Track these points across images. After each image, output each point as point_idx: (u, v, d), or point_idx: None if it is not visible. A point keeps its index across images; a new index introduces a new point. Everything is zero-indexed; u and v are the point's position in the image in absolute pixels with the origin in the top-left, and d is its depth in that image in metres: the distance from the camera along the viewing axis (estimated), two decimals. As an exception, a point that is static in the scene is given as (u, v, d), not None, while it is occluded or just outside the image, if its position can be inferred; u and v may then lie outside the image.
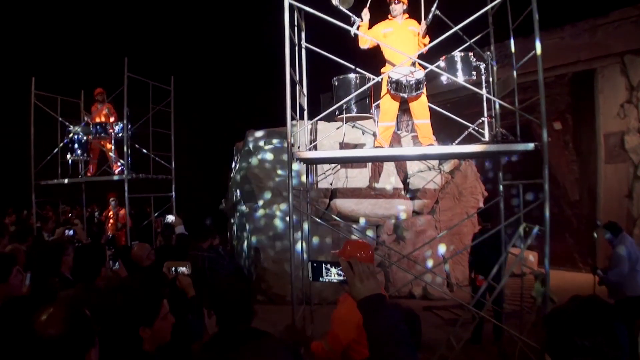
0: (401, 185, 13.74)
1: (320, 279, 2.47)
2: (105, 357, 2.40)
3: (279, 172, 13.25)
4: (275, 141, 13.64)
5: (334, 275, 2.45)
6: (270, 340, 3.05)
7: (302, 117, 8.45)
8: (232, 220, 15.12)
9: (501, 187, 9.15)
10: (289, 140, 7.33)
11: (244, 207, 13.76)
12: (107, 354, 2.49)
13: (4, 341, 3.05)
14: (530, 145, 7.00)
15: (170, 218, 7.45)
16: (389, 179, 13.54)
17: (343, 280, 2.39)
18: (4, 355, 2.95)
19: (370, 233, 12.70)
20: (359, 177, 13.24)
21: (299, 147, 8.09)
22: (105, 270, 4.78)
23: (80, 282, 4.58)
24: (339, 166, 12.79)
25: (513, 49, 8.35)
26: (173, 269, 4.23)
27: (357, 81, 8.10)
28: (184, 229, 7.11)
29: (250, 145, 13.88)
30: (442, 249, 13.52)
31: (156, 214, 14.08)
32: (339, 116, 8.30)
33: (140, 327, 2.91)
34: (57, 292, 4.59)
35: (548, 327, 1.95)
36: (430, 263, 12.70)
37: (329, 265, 2.46)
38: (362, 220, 12.86)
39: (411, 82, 7.57)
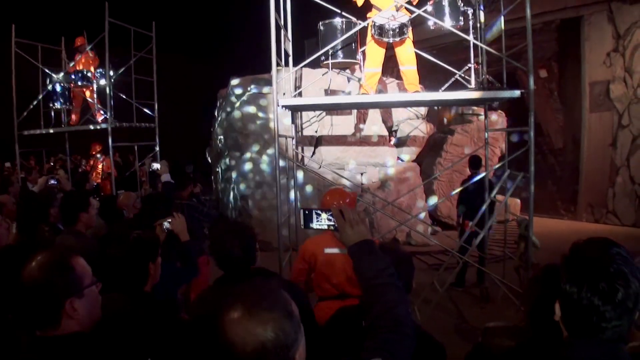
0: (386, 133, 13.74)
1: (311, 224, 2.49)
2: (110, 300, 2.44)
3: (262, 119, 13.17)
4: (258, 88, 13.52)
5: (324, 220, 2.46)
6: (277, 278, 3.11)
7: (287, 64, 8.36)
8: (217, 169, 15.07)
9: (487, 135, 9.18)
10: (274, 86, 7.28)
11: (228, 156, 13.72)
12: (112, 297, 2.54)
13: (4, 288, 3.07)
14: (517, 93, 7.00)
15: (156, 166, 7.37)
16: (374, 127, 13.53)
17: (333, 226, 2.41)
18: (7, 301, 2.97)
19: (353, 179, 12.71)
20: (344, 125, 13.21)
21: (284, 93, 8.04)
22: (89, 217, 4.81)
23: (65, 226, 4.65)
24: (324, 113, 12.74)
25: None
26: (164, 225, 4.24)
27: (344, 26, 7.99)
28: (169, 177, 7.07)
29: (234, 93, 13.75)
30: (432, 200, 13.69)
31: (140, 163, 14.02)
32: (325, 62, 8.23)
33: (149, 263, 3.08)
34: (52, 239, 4.63)
35: (566, 271, 1.95)
36: (421, 214, 12.82)
37: (319, 211, 2.48)
38: (352, 163, 12.87)
39: (394, 27, 7.48)
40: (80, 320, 2.17)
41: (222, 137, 14.04)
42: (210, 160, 16.46)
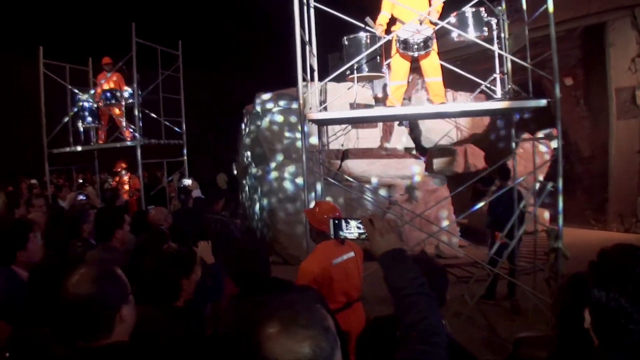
0: (413, 145, 13.72)
1: (341, 233, 2.50)
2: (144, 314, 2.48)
3: (288, 134, 13.23)
4: (283, 103, 13.60)
5: (354, 229, 2.47)
6: (294, 287, 3.15)
7: (312, 78, 8.42)
8: (244, 183, 15.16)
9: (514, 145, 9.15)
10: (300, 101, 7.34)
11: (255, 170, 13.79)
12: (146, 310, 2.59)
13: (38, 303, 3.14)
14: (543, 102, 6.98)
15: (187, 182, 7.52)
16: (401, 139, 13.53)
17: (362, 234, 2.42)
18: (40, 315, 3.03)
19: (382, 193, 12.71)
20: (370, 138, 13.22)
21: (310, 108, 8.09)
22: (124, 233, 4.89)
23: (99, 242, 4.74)
24: (349, 127, 12.77)
25: (525, 4, 8.25)
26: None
27: (368, 40, 8.03)
28: (200, 192, 7.20)
29: (259, 108, 13.84)
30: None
31: (169, 179, 14.16)
32: (350, 76, 8.27)
33: (182, 279, 3.15)
34: (83, 254, 4.72)
35: (594, 276, 1.97)
36: (445, 223, 12.74)
37: (349, 220, 2.49)
38: (373, 180, 12.85)
39: (419, 40, 7.52)
40: (128, 326, 2.27)
41: (248, 152, 14.12)
42: (237, 175, 16.56)
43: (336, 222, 2.51)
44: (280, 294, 2.82)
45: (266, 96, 13.99)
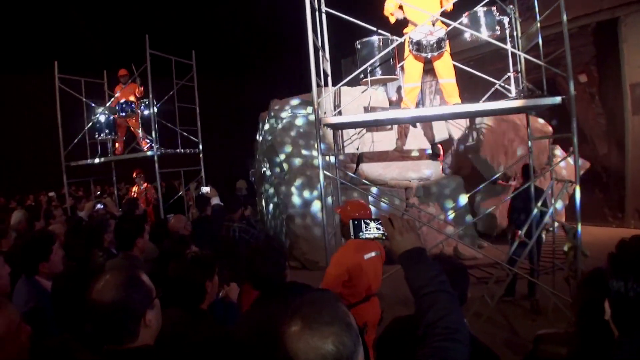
0: (428, 146, 13.70)
1: (361, 234, 2.51)
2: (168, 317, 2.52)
3: (303, 139, 13.26)
4: (297, 109, 13.65)
5: (373, 229, 2.48)
6: (313, 289, 3.19)
7: (326, 83, 8.45)
8: (261, 190, 15.20)
9: (530, 143, 9.11)
10: (315, 106, 7.37)
11: (271, 176, 13.84)
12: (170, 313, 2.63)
13: (61, 312, 3.19)
14: (558, 99, 6.95)
15: (205, 189, 7.56)
16: (416, 141, 13.51)
17: (382, 234, 2.44)
18: (63, 323, 3.08)
19: (398, 196, 12.68)
20: (385, 140, 13.22)
21: (324, 112, 8.11)
22: (144, 242, 4.96)
23: (120, 251, 4.81)
24: (364, 130, 12.78)
25: (536, 2, 8.23)
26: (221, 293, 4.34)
27: (381, 43, 8.05)
28: (219, 199, 7.24)
29: (274, 114, 13.91)
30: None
31: (186, 188, 14.24)
32: (364, 79, 8.29)
33: (206, 281, 3.23)
34: (104, 264, 4.78)
35: (613, 267, 1.99)
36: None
37: (367, 221, 2.50)
38: (391, 183, 12.83)
39: (432, 42, 7.51)
40: (153, 330, 2.30)
41: (264, 158, 14.18)
42: (254, 181, 16.64)
43: (356, 223, 2.53)
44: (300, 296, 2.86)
45: (281, 102, 14.07)
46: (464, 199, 12.64)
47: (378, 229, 2.46)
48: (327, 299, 1.77)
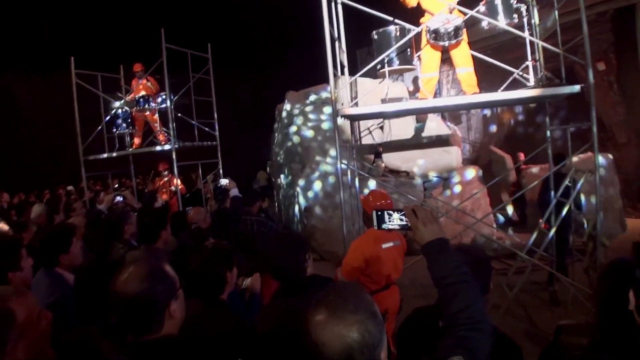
0: (447, 131, 13.57)
1: (384, 225, 2.51)
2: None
3: (320, 131, 13.25)
4: (314, 100, 13.63)
5: (396, 220, 2.48)
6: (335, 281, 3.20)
7: (342, 74, 8.43)
8: (279, 182, 15.21)
9: (548, 133, 9.05)
10: (332, 97, 7.36)
11: (288, 168, 13.85)
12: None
13: (87, 303, 3.23)
14: (576, 88, 6.90)
15: (224, 181, 7.59)
16: (432, 124, 13.41)
17: (405, 225, 2.44)
18: (86, 315, 3.11)
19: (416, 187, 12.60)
20: (403, 130, 13.15)
21: (342, 104, 8.10)
22: (168, 234, 4.99)
23: (144, 243, 4.84)
24: (383, 122, 12.72)
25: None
26: (244, 283, 4.35)
27: (398, 33, 8.02)
28: (237, 191, 7.26)
29: (291, 106, 13.90)
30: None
31: (204, 180, 14.30)
32: (381, 70, 8.25)
33: (226, 272, 3.25)
34: (123, 255, 4.83)
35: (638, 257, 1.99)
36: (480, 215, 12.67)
37: (391, 212, 2.50)
38: (416, 169, 12.80)
39: (449, 30, 7.48)
40: (177, 321, 2.33)
41: (281, 150, 14.21)
42: (271, 173, 16.66)
43: (379, 213, 2.53)
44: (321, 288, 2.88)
45: (296, 94, 14.05)
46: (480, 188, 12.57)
47: (401, 219, 2.45)
48: (351, 288, 1.78)
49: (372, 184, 10.94)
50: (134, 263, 2.32)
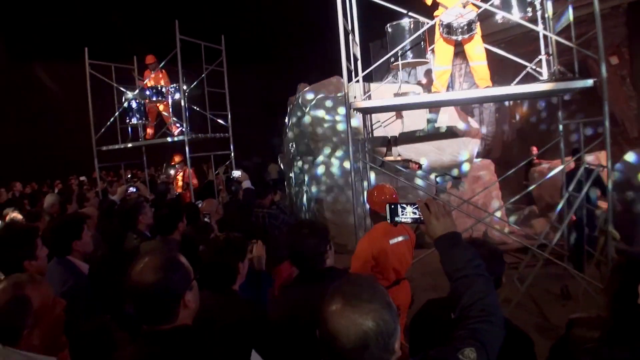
0: (461, 124, 13.51)
1: (397, 218, 2.53)
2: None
3: (331, 124, 13.24)
4: (325, 93, 13.63)
5: (409, 214, 2.50)
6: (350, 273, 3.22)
7: (355, 67, 8.44)
8: (290, 174, 15.24)
9: (561, 127, 9.04)
10: (346, 90, 7.38)
11: (300, 161, 13.87)
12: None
13: (102, 292, 3.28)
14: (589, 82, 6.89)
15: (237, 173, 7.63)
16: (444, 116, 13.33)
17: (418, 219, 2.46)
18: (104, 303, 3.16)
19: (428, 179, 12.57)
20: (416, 123, 13.10)
21: (354, 97, 8.11)
22: (184, 225, 5.05)
23: (160, 234, 4.89)
24: (394, 116, 12.68)
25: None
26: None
27: (411, 26, 8.03)
28: (250, 183, 7.30)
29: (303, 98, 13.90)
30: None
31: (216, 172, 14.34)
32: (395, 63, 8.27)
33: (239, 262, 3.27)
34: (137, 246, 4.88)
35: None
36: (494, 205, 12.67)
37: (404, 205, 2.52)
38: (424, 162, 12.73)
39: (462, 24, 7.48)
40: (192, 311, 2.37)
41: (293, 142, 14.21)
42: (282, 166, 16.69)
43: (392, 207, 2.55)
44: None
45: (309, 86, 14.06)
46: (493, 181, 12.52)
47: (414, 213, 2.48)
48: (365, 279, 1.84)
49: (373, 177, 10.90)
50: (149, 253, 2.35)
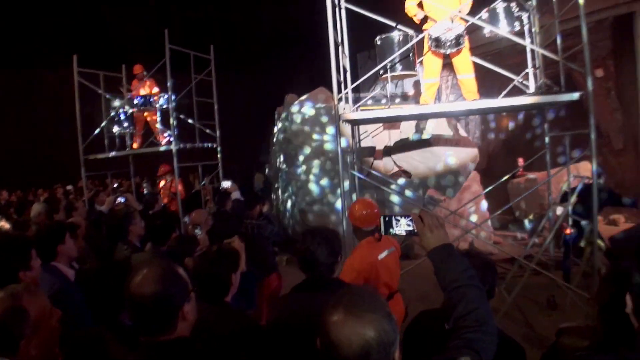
0: (448, 132, 13.51)
1: (391, 230, 2.56)
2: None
3: (317, 135, 13.27)
4: (312, 104, 13.67)
5: (403, 226, 2.54)
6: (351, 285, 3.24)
7: (345, 78, 8.49)
8: (277, 185, 15.23)
9: (547, 139, 9.14)
10: (335, 101, 7.43)
11: (286, 171, 13.88)
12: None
13: (96, 303, 3.28)
14: (576, 95, 6.99)
15: (226, 184, 7.62)
16: (430, 123, 13.36)
17: (411, 231, 2.51)
18: (100, 314, 3.17)
19: (409, 193, 12.59)
20: (402, 133, 13.13)
21: (344, 108, 8.16)
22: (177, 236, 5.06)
23: (153, 244, 4.89)
24: (382, 128, 12.73)
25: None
26: None
27: (400, 39, 8.11)
28: (239, 194, 7.30)
29: (290, 110, 13.94)
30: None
31: (203, 182, 14.30)
32: (384, 75, 8.34)
33: (232, 274, 3.26)
34: (129, 257, 4.88)
35: (635, 262, 2.07)
36: (474, 218, 12.72)
37: (398, 217, 2.56)
38: (400, 181, 12.72)
39: (450, 38, 7.56)
40: (189, 323, 2.37)
41: (279, 152, 14.23)
42: (269, 176, 16.68)
43: (387, 219, 2.58)
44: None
45: (296, 97, 14.10)
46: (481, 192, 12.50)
47: (408, 225, 2.51)
48: (366, 290, 1.88)
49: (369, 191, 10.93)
50: (147, 265, 2.34)
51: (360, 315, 1.69)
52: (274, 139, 15.12)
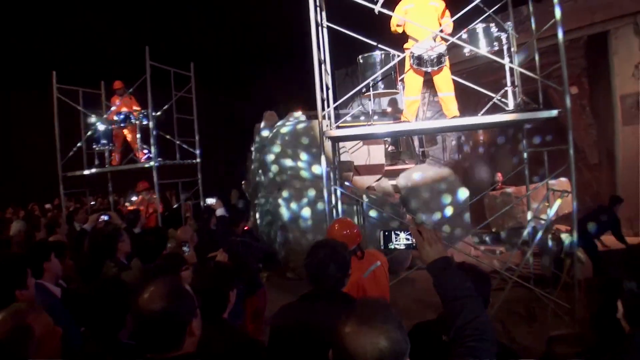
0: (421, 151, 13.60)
1: (390, 245, 2.64)
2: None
3: (295, 151, 13.26)
4: (288, 120, 13.71)
5: (402, 240, 2.61)
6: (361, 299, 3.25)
7: (327, 96, 8.55)
8: (256, 202, 15.20)
9: (525, 155, 9.29)
10: (320, 119, 7.52)
11: (265, 188, 13.87)
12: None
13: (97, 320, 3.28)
14: (554, 112, 7.15)
15: (211, 201, 7.58)
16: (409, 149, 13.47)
17: (410, 245, 2.59)
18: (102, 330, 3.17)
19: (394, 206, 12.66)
20: (379, 153, 13.24)
21: (326, 125, 8.24)
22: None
23: (142, 262, 4.88)
24: (361, 143, 12.83)
25: (533, 20, 8.45)
26: None
27: (382, 58, 8.24)
28: (224, 211, 7.28)
29: (268, 126, 13.98)
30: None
31: (183, 198, 14.24)
32: (367, 93, 8.45)
33: (229, 290, 3.26)
34: (118, 275, 4.86)
35: (626, 269, 2.18)
36: (458, 231, 12.80)
37: (398, 231, 2.63)
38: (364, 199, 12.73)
39: (432, 57, 7.69)
40: (196, 339, 2.38)
41: (258, 170, 14.22)
42: (245, 192, 16.64)
43: (386, 233, 2.65)
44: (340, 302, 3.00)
45: (275, 114, 14.15)
46: (463, 193, 12.53)
47: (407, 239, 2.59)
48: (378, 302, 1.97)
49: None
50: (154, 282, 2.33)
51: (374, 326, 1.77)
52: (252, 156, 15.12)
